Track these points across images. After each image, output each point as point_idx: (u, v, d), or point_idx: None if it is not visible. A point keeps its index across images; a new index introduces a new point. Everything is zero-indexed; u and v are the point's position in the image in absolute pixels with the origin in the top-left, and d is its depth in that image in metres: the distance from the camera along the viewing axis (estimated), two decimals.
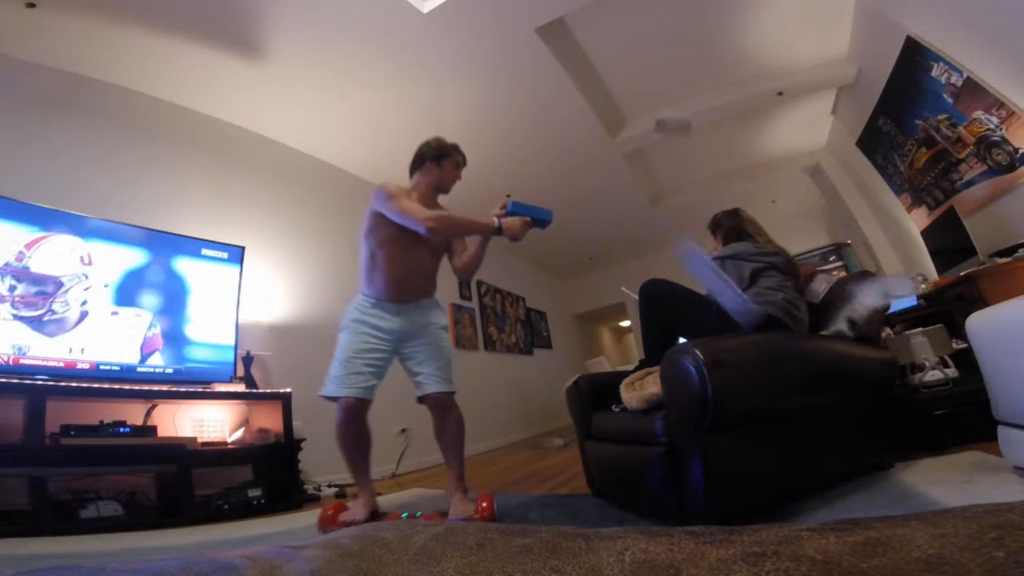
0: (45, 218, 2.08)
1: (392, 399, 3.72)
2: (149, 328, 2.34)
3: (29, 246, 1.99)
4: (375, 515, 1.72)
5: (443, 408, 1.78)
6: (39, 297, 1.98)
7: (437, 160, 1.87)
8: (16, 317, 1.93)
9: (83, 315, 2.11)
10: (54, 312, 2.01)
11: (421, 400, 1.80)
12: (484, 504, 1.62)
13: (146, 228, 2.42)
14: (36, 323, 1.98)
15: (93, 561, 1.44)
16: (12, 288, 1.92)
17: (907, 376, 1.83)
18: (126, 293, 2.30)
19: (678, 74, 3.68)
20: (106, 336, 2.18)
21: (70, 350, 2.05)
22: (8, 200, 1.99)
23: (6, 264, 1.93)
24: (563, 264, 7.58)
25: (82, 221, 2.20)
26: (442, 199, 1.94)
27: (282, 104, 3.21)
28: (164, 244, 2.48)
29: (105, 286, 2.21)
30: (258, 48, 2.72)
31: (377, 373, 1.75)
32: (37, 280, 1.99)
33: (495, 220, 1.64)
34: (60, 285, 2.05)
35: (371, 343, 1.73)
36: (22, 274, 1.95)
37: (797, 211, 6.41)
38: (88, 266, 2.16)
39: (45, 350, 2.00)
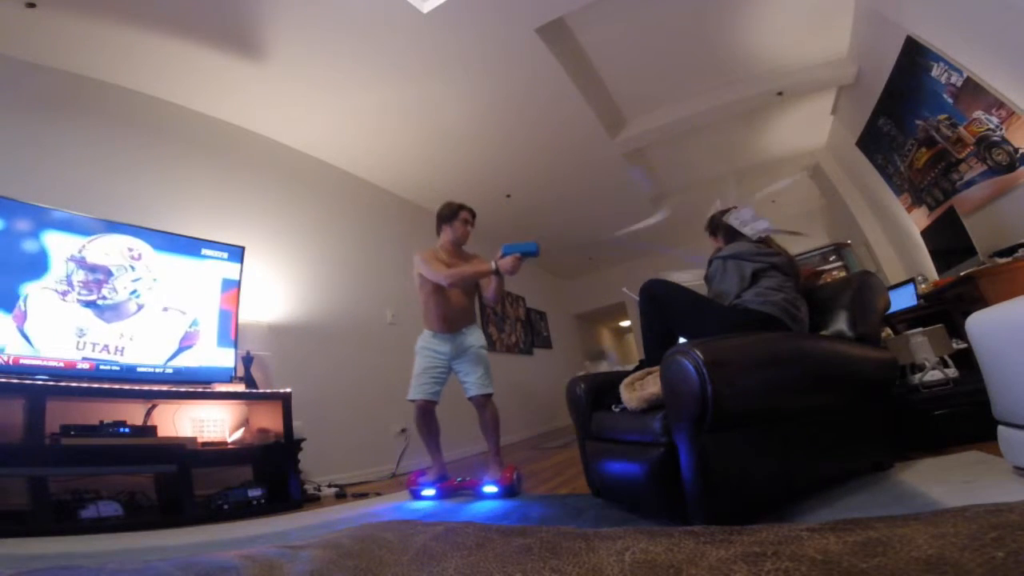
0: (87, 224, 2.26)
1: (393, 401, 3.74)
2: (191, 325, 2.49)
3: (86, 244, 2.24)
4: (444, 477, 2.39)
5: (481, 406, 2.37)
6: (94, 284, 2.20)
7: (449, 222, 2.44)
8: (83, 303, 2.16)
9: (140, 307, 2.34)
10: (105, 298, 2.23)
11: (469, 399, 2.39)
12: (507, 473, 2.17)
13: (146, 228, 2.42)
14: (96, 308, 2.19)
15: (93, 561, 1.44)
16: (72, 274, 2.16)
17: (907, 376, 1.83)
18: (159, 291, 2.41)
19: (678, 74, 3.68)
20: (153, 327, 2.37)
21: (121, 335, 2.25)
22: (62, 212, 2.16)
23: (71, 256, 2.16)
24: (563, 264, 7.58)
25: (96, 223, 2.23)
26: (471, 244, 2.53)
27: (282, 104, 3.21)
28: (165, 244, 2.48)
29: (154, 280, 2.40)
30: (258, 48, 2.72)
31: (439, 381, 2.37)
32: (92, 268, 2.22)
33: (492, 264, 2.18)
34: (110, 274, 2.26)
35: (433, 362, 2.36)
36: (80, 263, 2.19)
37: (797, 211, 6.41)
38: (137, 260, 2.36)
39: (102, 335, 2.19)
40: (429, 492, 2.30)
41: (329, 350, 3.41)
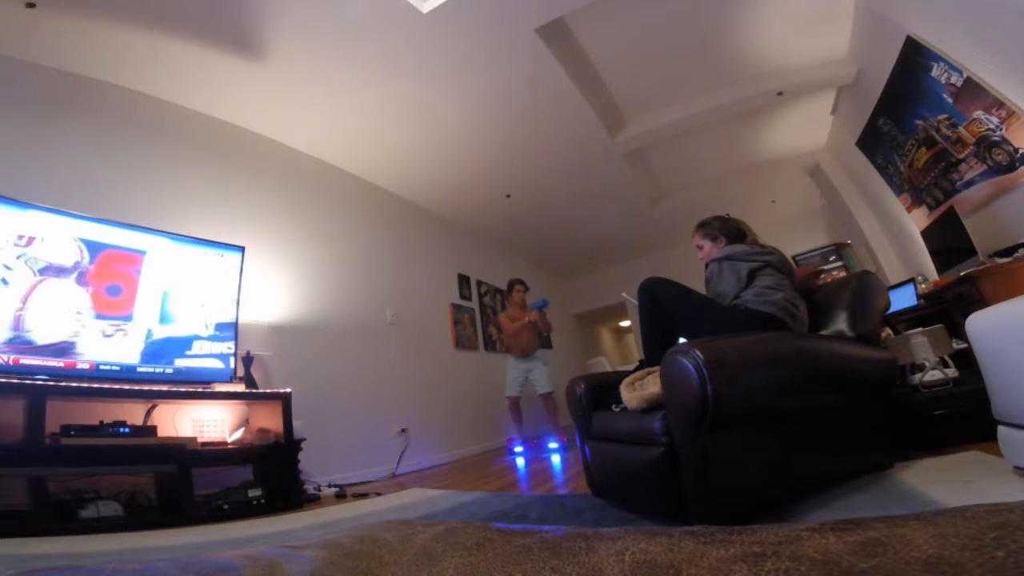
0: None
1: (393, 401, 3.74)
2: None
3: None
4: (525, 440, 3.82)
5: (547, 398, 4.04)
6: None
7: (509, 293, 4.26)
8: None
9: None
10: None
11: (539, 395, 4.06)
12: (562, 437, 3.59)
13: (146, 228, 2.42)
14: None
15: (93, 561, 1.44)
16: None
17: (907, 376, 1.83)
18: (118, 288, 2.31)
19: (678, 74, 3.69)
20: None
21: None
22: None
23: (76, 263, 2.14)
24: (563, 264, 7.58)
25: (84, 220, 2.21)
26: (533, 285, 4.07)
27: (282, 104, 3.21)
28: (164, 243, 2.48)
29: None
30: (258, 48, 2.72)
31: (522, 385, 4.09)
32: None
33: (528, 319, 3.99)
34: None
35: (517, 374, 4.09)
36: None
37: (797, 211, 6.41)
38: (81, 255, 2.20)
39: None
40: (519, 449, 3.72)
41: (329, 350, 3.42)
